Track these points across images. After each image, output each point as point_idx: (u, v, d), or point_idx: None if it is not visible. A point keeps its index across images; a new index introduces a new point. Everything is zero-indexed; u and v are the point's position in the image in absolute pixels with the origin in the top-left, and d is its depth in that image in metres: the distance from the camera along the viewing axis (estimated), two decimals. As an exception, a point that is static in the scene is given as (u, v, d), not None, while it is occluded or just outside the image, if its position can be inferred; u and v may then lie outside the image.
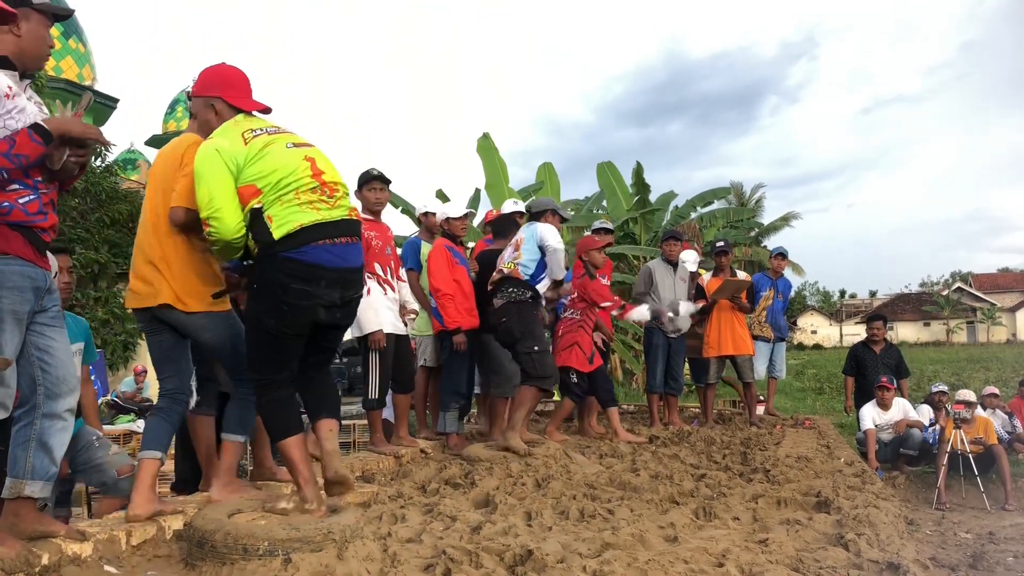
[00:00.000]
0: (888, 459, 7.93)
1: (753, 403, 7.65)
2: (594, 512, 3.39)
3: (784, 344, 8.61)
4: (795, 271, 32.42)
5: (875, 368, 8.37)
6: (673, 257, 7.16)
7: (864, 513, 3.39)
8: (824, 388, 19.74)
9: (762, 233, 31.95)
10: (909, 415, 7.97)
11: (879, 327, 8.79)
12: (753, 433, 6.74)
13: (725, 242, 7.81)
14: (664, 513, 3.50)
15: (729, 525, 3.35)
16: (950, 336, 56.49)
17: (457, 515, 3.21)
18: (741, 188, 37.51)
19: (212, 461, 3.45)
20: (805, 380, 22.53)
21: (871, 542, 2.96)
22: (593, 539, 2.86)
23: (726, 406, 9.27)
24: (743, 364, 7.43)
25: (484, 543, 2.76)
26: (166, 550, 2.77)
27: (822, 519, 3.40)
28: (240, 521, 2.67)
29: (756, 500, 3.82)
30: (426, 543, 2.82)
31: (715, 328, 7.40)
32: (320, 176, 2.77)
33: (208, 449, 3.49)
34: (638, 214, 16.84)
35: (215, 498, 3.15)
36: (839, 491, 3.96)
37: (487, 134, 15.56)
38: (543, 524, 3.19)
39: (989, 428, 7.55)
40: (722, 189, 19.68)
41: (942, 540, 5.05)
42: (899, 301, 64.36)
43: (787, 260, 8.38)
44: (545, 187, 16.14)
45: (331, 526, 2.65)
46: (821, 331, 66.34)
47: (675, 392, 7.39)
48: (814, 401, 16.38)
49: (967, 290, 61.86)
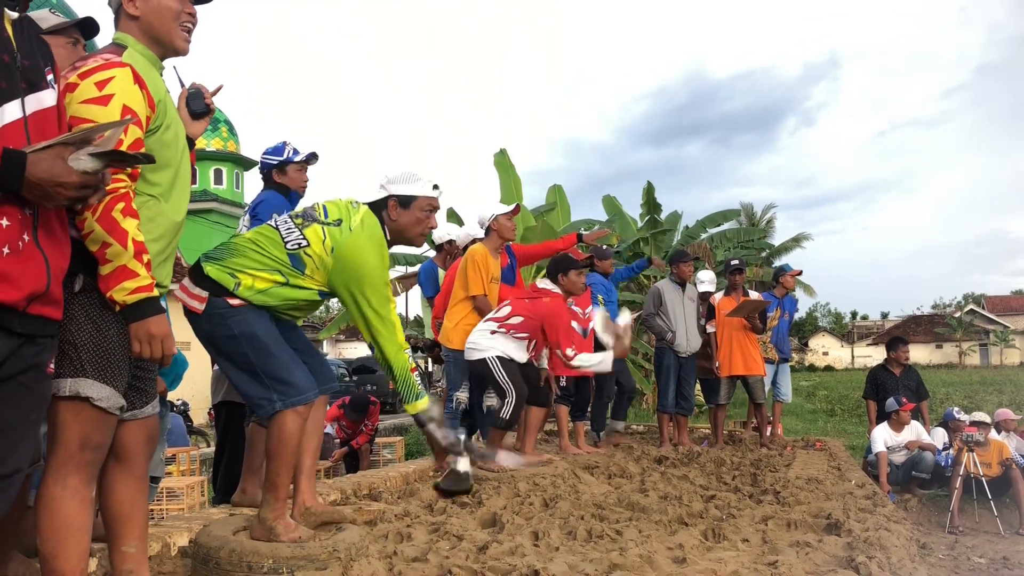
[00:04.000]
0: (900, 482, 7.84)
1: (764, 424, 7.60)
2: (602, 532, 3.36)
3: (788, 365, 8.48)
4: (807, 292, 32.33)
5: (896, 391, 8.28)
6: (683, 277, 7.16)
7: (875, 536, 3.35)
8: (835, 410, 19.61)
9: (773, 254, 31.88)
10: (922, 438, 7.89)
11: (906, 351, 8.73)
12: (763, 454, 6.70)
13: (740, 261, 7.78)
14: (673, 534, 3.47)
15: (738, 547, 3.31)
16: (962, 358, 56.06)
17: (464, 534, 3.19)
18: (752, 209, 37.55)
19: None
20: (816, 402, 22.39)
21: (882, 565, 2.92)
22: (600, 560, 2.83)
23: (736, 427, 9.21)
24: (755, 384, 7.39)
25: (490, 563, 2.74)
26: (171, 567, 2.77)
27: (832, 541, 3.36)
28: (245, 538, 2.66)
29: (766, 522, 3.78)
30: (432, 562, 2.80)
31: (726, 348, 7.37)
32: None
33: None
34: (648, 234, 16.87)
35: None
36: (850, 513, 3.92)
37: (504, 150, 15.63)
38: (550, 544, 3.16)
39: (1004, 451, 7.46)
40: (732, 211, 19.70)
41: (955, 565, 4.98)
42: (911, 323, 63.93)
43: (795, 279, 8.23)
44: (556, 208, 16.19)
45: (336, 544, 2.63)
46: (832, 352, 66.00)
47: (686, 412, 7.35)
48: (825, 423, 16.26)
49: (980, 312, 61.41)
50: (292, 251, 2.77)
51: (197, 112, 2.52)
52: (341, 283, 2.79)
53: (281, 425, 2.66)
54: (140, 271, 1.98)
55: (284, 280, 2.76)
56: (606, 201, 18.08)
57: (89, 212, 1.91)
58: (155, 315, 2.01)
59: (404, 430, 15.05)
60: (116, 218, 1.94)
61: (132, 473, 2.20)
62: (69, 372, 1.98)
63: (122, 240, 1.94)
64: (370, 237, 2.83)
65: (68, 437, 1.98)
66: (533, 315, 4.91)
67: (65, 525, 1.96)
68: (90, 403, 1.98)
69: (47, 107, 1.81)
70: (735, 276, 7.56)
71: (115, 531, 2.18)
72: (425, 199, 2.98)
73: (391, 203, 2.94)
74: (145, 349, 2.02)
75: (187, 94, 2.51)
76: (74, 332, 1.99)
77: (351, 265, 2.77)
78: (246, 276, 2.72)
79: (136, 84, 2.06)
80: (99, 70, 2.02)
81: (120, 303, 1.98)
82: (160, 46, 2.23)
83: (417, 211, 2.97)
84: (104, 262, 1.96)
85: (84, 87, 2.00)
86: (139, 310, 1.99)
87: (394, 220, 2.95)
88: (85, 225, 1.94)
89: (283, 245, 2.78)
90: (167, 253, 2.24)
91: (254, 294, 2.72)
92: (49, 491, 1.97)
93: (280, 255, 2.76)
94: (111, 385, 2.02)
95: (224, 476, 4.33)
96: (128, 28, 2.21)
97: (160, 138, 2.17)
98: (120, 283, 1.96)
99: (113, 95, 2.00)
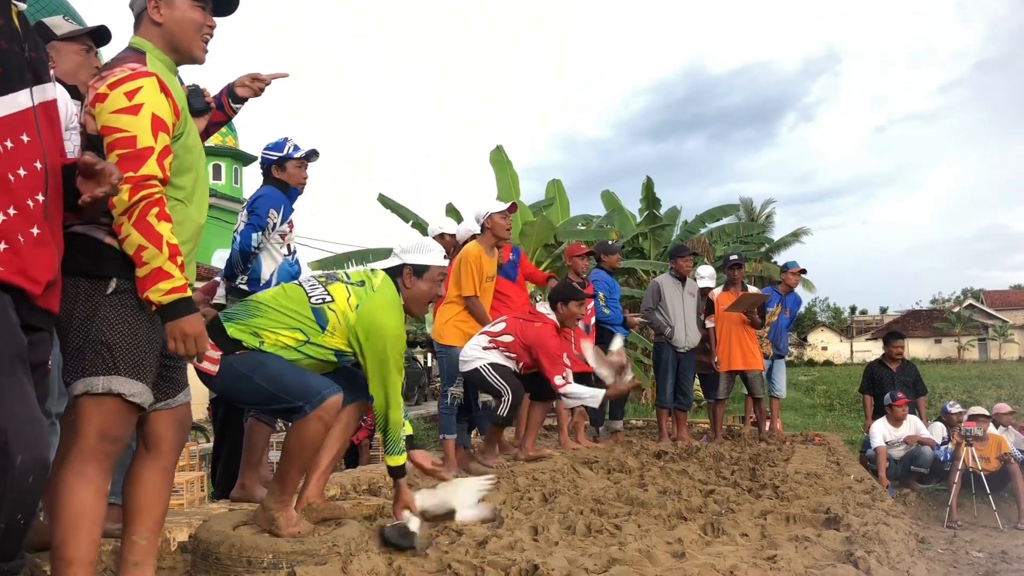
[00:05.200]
0: (899, 476, 7.85)
1: (763, 419, 7.60)
2: (601, 527, 3.37)
3: (783, 362, 8.46)
4: (806, 287, 32.28)
5: (892, 386, 8.28)
6: (682, 272, 7.16)
7: (874, 530, 3.35)
8: (834, 405, 19.61)
9: (772, 249, 31.88)
10: (920, 432, 7.89)
11: (900, 345, 8.71)
12: (762, 449, 6.70)
13: (739, 256, 7.78)
14: (672, 529, 3.47)
15: (737, 541, 3.32)
16: (961, 353, 56.05)
17: (463, 529, 3.19)
18: (751, 204, 37.48)
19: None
20: (815, 396, 22.39)
21: (881, 560, 2.92)
22: (600, 554, 2.84)
23: (735, 422, 9.22)
24: (753, 379, 7.39)
25: (490, 557, 2.74)
26: (170, 562, 2.77)
27: (831, 536, 3.36)
28: (245, 534, 2.67)
29: (765, 516, 3.79)
30: (431, 557, 2.81)
31: (725, 343, 7.37)
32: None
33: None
34: (648, 229, 16.87)
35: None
36: (849, 508, 3.92)
37: (500, 147, 15.63)
38: (549, 539, 3.17)
39: (1002, 446, 7.46)
40: (731, 206, 19.71)
41: (954, 559, 5.00)
42: (910, 318, 63.94)
43: (799, 276, 8.23)
44: (555, 203, 16.19)
45: (336, 539, 2.64)
46: (831, 347, 65.97)
47: (684, 407, 7.36)
48: (824, 418, 16.27)
49: (979, 307, 61.38)
50: (316, 306, 2.86)
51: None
52: (364, 339, 2.86)
53: (304, 428, 2.70)
54: (175, 272, 2.06)
55: (305, 338, 2.83)
56: (605, 196, 18.09)
57: (125, 217, 2.00)
58: (189, 314, 2.09)
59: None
60: (151, 222, 2.02)
61: (160, 463, 2.25)
62: (102, 370, 2.04)
63: (157, 243, 2.02)
64: (392, 300, 2.96)
65: (89, 428, 2.04)
66: (523, 337, 4.91)
67: (78, 513, 2.00)
68: (122, 399, 2.05)
69: (51, 99, 1.88)
70: (734, 271, 7.56)
71: (131, 519, 2.22)
72: (437, 269, 3.09)
73: (406, 271, 3.05)
74: (180, 347, 2.10)
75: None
76: (107, 332, 2.05)
77: (376, 323, 2.86)
78: (268, 335, 2.79)
79: (162, 93, 2.12)
80: (128, 80, 2.08)
81: (156, 303, 2.06)
82: (178, 54, 2.29)
83: (429, 281, 3.07)
84: (141, 264, 2.03)
85: (114, 97, 2.06)
86: (174, 310, 2.07)
87: (408, 288, 3.05)
88: (122, 230, 2.02)
89: (307, 301, 2.86)
90: (192, 255, 2.31)
91: (279, 349, 2.80)
92: (65, 479, 2.02)
93: (303, 311, 2.85)
94: (143, 381, 2.09)
95: (223, 471, 4.33)
96: (148, 33, 2.26)
97: (184, 143, 2.23)
98: (156, 284, 2.03)
99: (143, 104, 2.06)
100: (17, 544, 1.72)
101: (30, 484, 1.66)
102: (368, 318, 2.86)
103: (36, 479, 1.68)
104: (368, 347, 2.86)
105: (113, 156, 2.02)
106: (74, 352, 2.06)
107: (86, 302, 2.06)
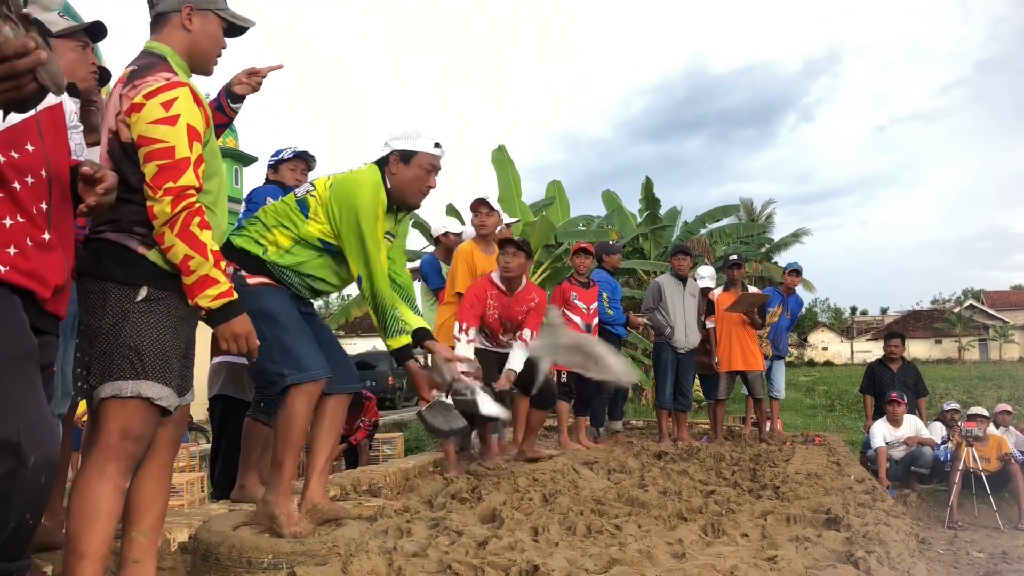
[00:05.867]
0: (899, 477, 7.85)
1: (763, 419, 7.60)
2: (601, 528, 3.37)
3: (782, 363, 8.47)
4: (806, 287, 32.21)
5: (892, 386, 8.28)
6: (682, 272, 7.15)
7: (875, 531, 3.35)
8: (835, 405, 19.60)
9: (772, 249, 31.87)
10: (920, 432, 7.89)
11: (897, 345, 8.71)
12: (763, 449, 6.70)
13: (739, 256, 7.78)
14: (672, 529, 3.47)
15: (738, 542, 3.31)
16: (962, 353, 56.01)
17: (463, 530, 3.19)
18: (751, 204, 37.49)
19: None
20: (816, 397, 22.37)
21: (881, 560, 2.92)
22: (600, 555, 2.84)
23: (735, 422, 9.22)
24: (754, 380, 7.39)
25: (490, 558, 2.74)
26: (170, 563, 2.77)
27: (832, 536, 3.36)
28: (245, 534, 2.67)
29: (765, 517, 3.78)
30: (432, 558, 2.80)
31: (725, 343, 7.37)
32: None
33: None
34: (648, 230, 16.86)
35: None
36: (849, 508, 3.92)
37: (502, 146, 15.61)
38: (550, 539, 3.16)
39: (1003, 446, 7.46)
40: (731, 206, 19.69)
41: (954, 559, 4.99)
42: (910, 318, 63.91)
43: (800, 277, 8.25)
44: (555, 203, 16.18)
45: (336, 539, 2.64)
46: (832, 348, 65.92)
47: (684, 408, 7.35)
48: (824, 418, 16.26)
49: (979, 307, 61.39)
50: (300, 197, 2.93)
51: None
52: (337, 212, 2.87)
53: (289, 404, 2.72)
54: (220, 278, 2.13)
55: (296, 235, 2.87)
56: (605, 196, 18.06)
57: (167, 227, 2.06)
58: (237, 316, 2.18)
59: (404, 426, 15.06)
60: (195, 232, 2.08)
61: (157, 461, 2.28)
62: (131, 375, 2.09)
63: (203, 252, 2.09)
64: (369, 180, 2.93)
65: (112, 427, 2.08)
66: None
67: (94, 507, 2.03)
68: (150, 402, 2.10)
69: (53, 105, 1.90)
70: (734, 271, 7.56)
71: (131, 517, 2.24)
72: (426, 156, 3.02)
73: (392, 158, 3.01)
74: (233, 347, 2.20)
75: None
76: (136, 338, 2.10)
77: (347, 193, 2.88)
78: (268, 237, 2.87)
79: (195, 103, 2.16)
80: (164, 90, 2.12)
81: (205, 308, 2.13)
82: (193, 63, 2.33)
83: (417, 167, 3.01)
84: (188, 273, 2.09)
85: (150, 107, 2.09)
86: (222, 314, 2.16)
87: (394, 175, 3.00)
88: (165, 240, 2.07)
89: (294, 196, 2.95)
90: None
91: (281, 255, 2.86)
92: (86, 475, 2.07)
93: (290, 203, 2.93)
94: (169, 385, 2.15)
95: (221, 471, 4.32)
96: (172, 38, 2.29)
97: (210, 148, 2.28)
98: (204, 291, 2.11)
99: (179, 115, 2.11)
100: (25, 544, 1.74)
101: (41, 484, 1.68)
102: (339, 188, 2.89)
103: (47, 479, 1.69)
104: (343, 222, 2.86)
105: (152, 166, 2.07)
106: (101, 356, 2.10)
107: (115, 308, 2.10)
